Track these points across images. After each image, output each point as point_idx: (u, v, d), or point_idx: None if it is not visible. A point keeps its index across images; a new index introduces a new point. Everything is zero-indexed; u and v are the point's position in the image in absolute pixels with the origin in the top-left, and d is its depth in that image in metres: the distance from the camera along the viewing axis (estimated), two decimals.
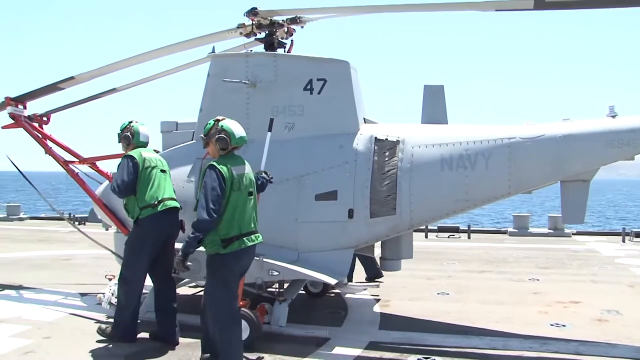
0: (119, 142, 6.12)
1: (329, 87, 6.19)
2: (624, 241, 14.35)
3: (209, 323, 4.78)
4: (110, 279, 6.39)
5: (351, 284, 8.02)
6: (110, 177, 6.97)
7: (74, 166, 7.41)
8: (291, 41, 6.82)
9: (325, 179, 6.02)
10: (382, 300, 7.58)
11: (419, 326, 6.33)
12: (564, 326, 6.41)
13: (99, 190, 7.16)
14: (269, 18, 6.41)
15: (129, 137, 5.99)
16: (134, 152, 5.82)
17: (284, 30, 6.62)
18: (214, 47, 6.66)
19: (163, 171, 5.88)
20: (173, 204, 5.77)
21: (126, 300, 5.69)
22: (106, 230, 7.89)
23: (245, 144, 4.99)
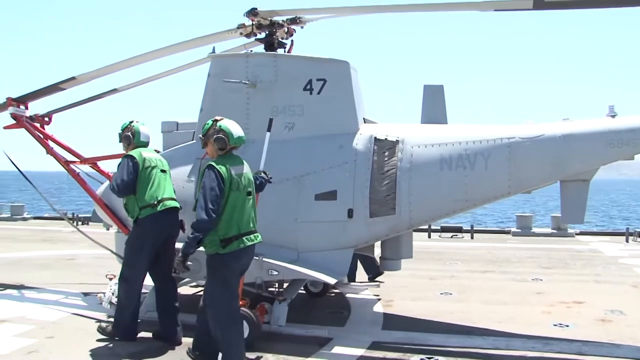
0: (119, 142, 6.15)
1: (329, 87, 6.18)
2: (627, 241, 14.31)
3: (209, 322, 4.78)
4: (111, 279, 6.41)
5: (353, 283, 8.02)
6: (111, 177, 6.99)
7: (75, 166, 7.45)
8: (291, 41, 6.83)
9: (325, 178, 6.02)
10: (385, 300, 7.57)
11: (421, 326, 6.31)
12: (567, 326, 6.38)
13: (100, 190, 7.19)
14: (269, 18, 6.41)
15: (129, 137, 6.01)
16: (134, 152, 5.83)
17: (284, 30, 6.63)
18: (214, 48, 6.68)
19: (163, 171, 5.88)
20: (173, 204, 5.78)
21: (126, 299, 5.71)
22: (107, 230, 7.92)
23: (244, 144, 4.99)
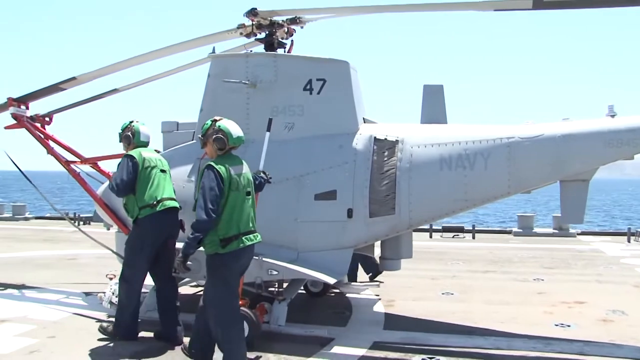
0: (120, 142, 6.16)
1: (329, 87, 6.18)
2: (629, 241, 14.26)
3: (210, 322, 4.78)
4: (111, 279, 6.43)
5: (353, 283, 8.01)
6: (112, 177, 7.01)
7: (75, 166, 7.47)
8: (291, 41, 6.83)
9: (325, 178, 6.01)
10: (386, 300, 7.56)
11: (423, 326, 6.31)
12: (568, 326, 6.37)
13: (100, 190, 7.20)
14: (269, 18, 6.42)
15: (129, 137, 6.02)
16: (134, 152, 5.84)
17: (283, 30, 6.63)
18: (214, 48, 6.69)
19: (163, 171, 5.88)
20: (172, 204, 5.77)
21: (127, 299, 5.71)
22: (108, 229, 7.93)
23: (243, 143, 4.98)
